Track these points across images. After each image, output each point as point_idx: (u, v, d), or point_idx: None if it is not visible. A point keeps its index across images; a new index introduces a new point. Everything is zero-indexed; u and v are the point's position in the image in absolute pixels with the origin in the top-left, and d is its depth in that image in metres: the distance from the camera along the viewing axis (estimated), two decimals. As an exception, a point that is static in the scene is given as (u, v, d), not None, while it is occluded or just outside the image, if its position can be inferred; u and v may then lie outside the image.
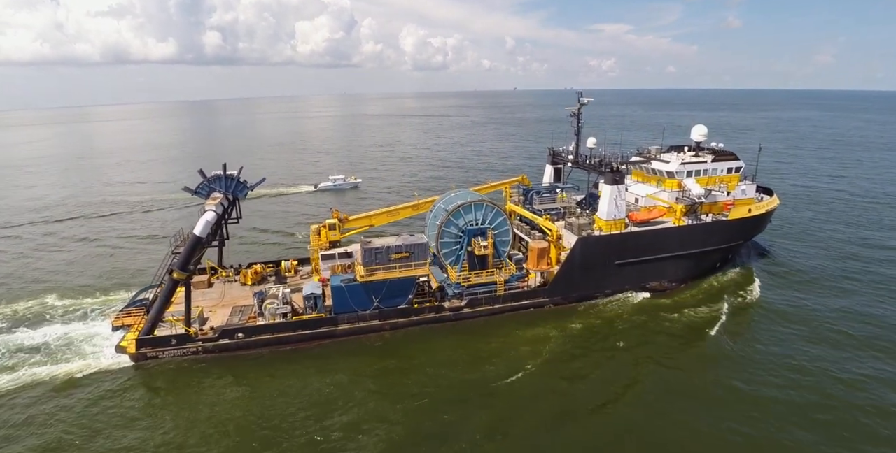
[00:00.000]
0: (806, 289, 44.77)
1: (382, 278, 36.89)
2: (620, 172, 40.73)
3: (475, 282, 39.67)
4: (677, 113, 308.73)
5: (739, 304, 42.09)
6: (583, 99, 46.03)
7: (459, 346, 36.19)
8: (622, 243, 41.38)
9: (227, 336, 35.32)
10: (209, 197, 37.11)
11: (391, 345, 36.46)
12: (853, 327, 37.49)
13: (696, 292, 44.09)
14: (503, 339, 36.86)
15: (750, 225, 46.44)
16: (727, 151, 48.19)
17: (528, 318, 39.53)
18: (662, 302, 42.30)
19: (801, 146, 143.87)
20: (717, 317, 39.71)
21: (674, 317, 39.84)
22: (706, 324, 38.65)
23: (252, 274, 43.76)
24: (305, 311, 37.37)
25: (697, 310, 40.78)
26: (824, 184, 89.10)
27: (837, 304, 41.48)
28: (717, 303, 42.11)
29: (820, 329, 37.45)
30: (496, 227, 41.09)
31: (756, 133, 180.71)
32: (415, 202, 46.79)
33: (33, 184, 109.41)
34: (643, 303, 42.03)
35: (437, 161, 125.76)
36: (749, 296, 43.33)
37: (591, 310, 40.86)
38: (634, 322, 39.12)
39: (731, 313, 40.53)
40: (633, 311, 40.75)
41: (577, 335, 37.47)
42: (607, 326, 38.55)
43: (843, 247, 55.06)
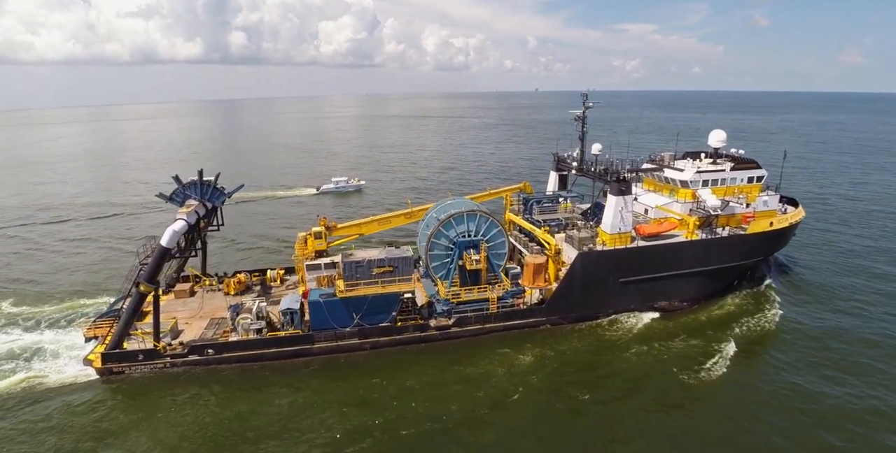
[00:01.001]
0: (834, 310, 40.50)
1: (363, 294, 34.36)
2: (627, 182, 37.24)
3: (465, 299, 36.81)
4: (696, 115, 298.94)
5: (757, 328, 38.09)
6: (588, 102, 42.63)
7: (445, 369, 33.34)
8: (627, 259, 37.90)
9: (197, 352, 33.30)
10: (184, 204, 35.22)
11: (371, 366, 33.82)
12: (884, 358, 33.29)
13: (710, 313, 40.25)
14: (493, 362, 33.85)
15: (771, 239, 42.33)
16: (748, 159, 44.14)
17: (522, 339, 36.41)
18: (671, 323, 38.63)
19: (824, 150, 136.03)
20: (730, 343, 35.86)
21: (682, 341, 36.16)
22: (718, 352, 34.81)
23: (235, 283, 41.80)
24: (283, 327, 35.16)
25: (709, 335, 36.98)
26: (856, 193, 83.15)
27: (868, 329, 37.19)
28: (732, 326, 38.21)
29: (846, 358, 33.34)
30: (490, 240, 38.12)
31: (777, 136, 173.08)
32: (408, 210, 44.10)
33: (48, 182, 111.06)
34: (650, 325, 38.44)
35: (446, 164, 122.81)
36: (769, 319, 39.22)
37: (592, 332, 37.50)
38: (639, 346, 35.60)
39: (747, 338, 36.64)
40: (637, 334, 37.24)
41: (575, 359, 34.22)
42: (609, 350, 35.18)
43: (875, 265, 50.20)
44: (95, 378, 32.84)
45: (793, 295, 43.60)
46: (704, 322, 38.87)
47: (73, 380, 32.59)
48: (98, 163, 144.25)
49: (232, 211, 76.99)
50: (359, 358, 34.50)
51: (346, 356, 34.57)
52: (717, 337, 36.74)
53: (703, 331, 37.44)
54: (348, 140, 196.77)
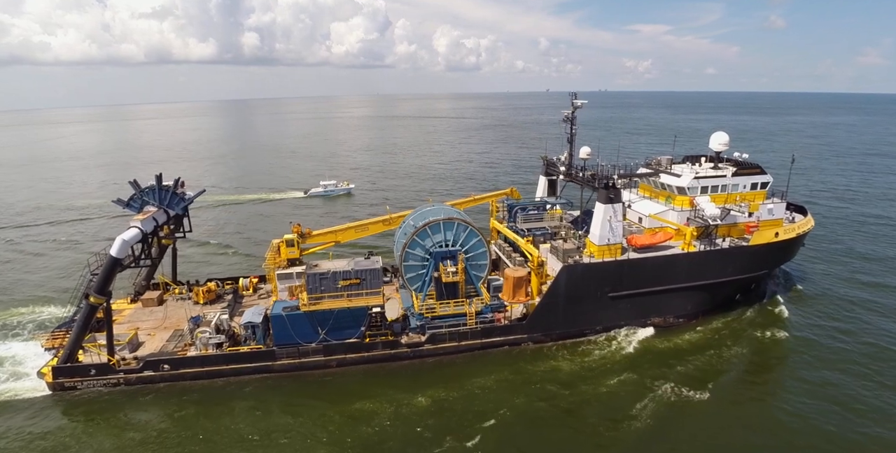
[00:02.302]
0: (847, 330, 37.09)
1: (329, 307, 32.15)
2: (616, 189, 34.42)
3: (441, 314, 34.36)
4: (704, 116, 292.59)
5: (759, 348, 35.14)
6: (576, 101, 39.79)
7: (414, 390, 30.88)
8: (617, 272, 35.08)
9: (152, 367, 31.40)
10: (141, 210, 33.42)
11: (336, 385, 31.63)
12: None
13: (707, 331, 37.20)
14: (468, 383, 31.31)
15: (776, 251, 39.13)
16: (752, 163, 40.94)
17: (501, 358, 33.86)
18: (664, 342, 35.71)
19: (828, 154, 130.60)
20: (728, 365, 32.99)
21: (675, 361, 33.26)
22: (714, 375, 31.99)
23: (204, 292, 39.93)
24: (245, 341, 33.13)
25: (705, 355, 34.03)
26: (870, 200, 78.74)
27: (886, 354, 33.86)
28: (731, 345, 35.20)
29: (857, 390, 30.08)
30: (469, 250, 35.52)
31: (784, 139, 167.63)
32: (386, 216, 41.76)
33: (56, 180, 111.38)
34: (641, 344, 35.52)
35: (441, 166, 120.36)
36: (772, 338, 36.17)
37: (577, 351, 34.73)
38: (628, 366, 32.79)
39: (747, 359, 33.79)
40: (627, 353, 34.39)
41: (557, 381, 31.49)
42: (594, 371, 32.38)
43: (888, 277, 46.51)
44: (48, 393, 31.24)
45: (800, 312, 40.24)
46: (701, 340, 35.87)
47: (27, 395, 31.04)
48: (98, 162, 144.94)
49: (212, 214, 76.03)
50: (324, 377, 32.31)
51: (310, 374, 32.43)
52: (714, 357, 33.83)
53: (699, 351, 34.48)
54: (343, 142, 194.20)
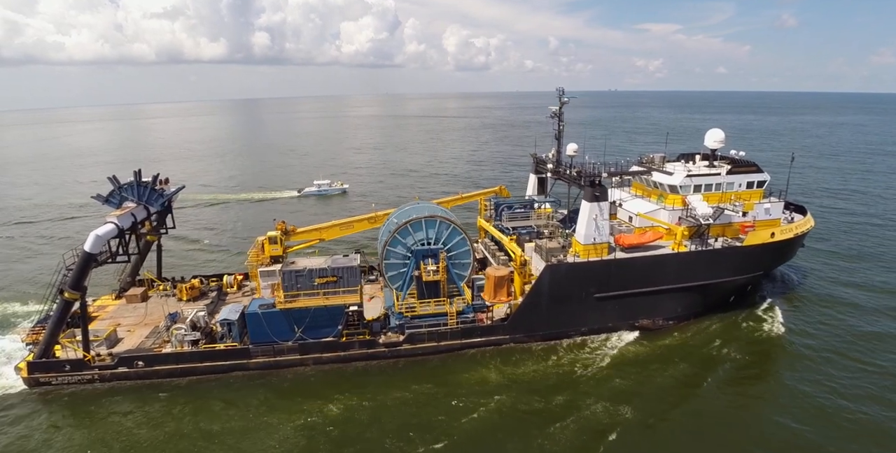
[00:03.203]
0: (846, 334, 35.55)
1: (305, 305, 31.61)
2: (602, 187, 33.37)
3: (421, 313, 33.64)
4: (710, 116, 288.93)
5: (751, 353, 33.74)
6: (564, 97, 38.73)
7: (392, 389, 30.19)
8: (603, 273, 34.02)
9: (126, 364, 31.14)
10: (120, 206, 33.22)
11: (311, 384, 31.11)
12: None
13: (697, 334, 35.94)
14: (445, 385, 30.55)
15: (772, 252, 37.69)
16: (747, 161, 39.53)
17: (481, 359, 32.99)
18: (651, 345, 34.57)
19: (830, 153, 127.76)
20: (716, 370, 31.75)
21: (661, 365, 32.17)
22: (700, 380, 30.83)
23: (187, 289, 39.70)
24: (222, 339, 32.75)
25: (693, 360, 32.85)
26: (873, 200, 76.38)
27: (885, 362, 32.33)
28: (721, 349, 33.95)
29: (856, 406, 28.57)
30: (452, 249, 34.76)
31: (785, 137, 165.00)
32: (371, 214, 41.22)
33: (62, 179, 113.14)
34: (627, 346, 34.46)
35: (438, 165, 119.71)
36: (765, 343, 34.88)
37: (561, 352, 33.73)
38: (611, 370, 31.77)
39: (736, 364, 32.43)
40: (612, 356, 33.31)
41: (537, 383, 30.57)
42: (576, 375, 31.36)
43: None
44: (24, 388, 31.16)
45: (796, 316, 38.74)
46: (689, 344, 34.65)
47: (3, 390, 31.00)
48: (102, 160, 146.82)
49: (205, 212, 76.02)
50: (299, 375, 31.78)
51: (286, 372, 31.92)
52: (701, 362, 32.65)
53: (686, 355, 33.28)
54: (345, 141, 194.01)
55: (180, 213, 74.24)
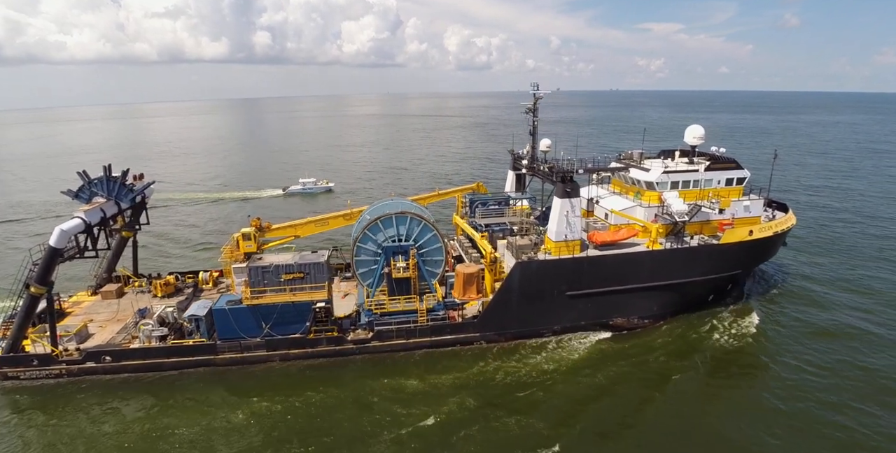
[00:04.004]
0: (825, 334, 34.98)
1: (271, 302, 31.48)
2: (573, 183, 32.96)
3: (390, 310, 33.41)
4: (706, 115, 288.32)
5: (724, 353, 33.21)
6: (538, 92, 38.26)
7: (358, 386, 29.98)
8: (574, 270, 33.60)
9: (94, 359, 31.15)
10: (90, 201, 33.22)
11: (277, 380, 30.92)
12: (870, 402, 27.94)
13: (672, 332, 35.46)
14: (411, 381, 30.26)
15: (750, 250, 37.07)
16: (726, 158, 38.96)
17: (449, 357, 32.69)
18: (623, 344, 34.15)
19: (820, 151, 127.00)
20: (688, 370, 31.27)
21: (632, 365, 31.75)
22: (670, 380, 30.37)
23: (162, 285, 39.70)
24: (190, 334, 32.68)
25: (664, 359, 32.37)
26: (860, 197, 75.85)
27: (861, 361, 31.75)
28: (695, 349, 33.50)
29: (830, 411, 28.02)
30: (424, 246, 34.51)
31: (775, 136, 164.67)
32: (346, 211, 41.07)
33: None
34: (598, 345, 34.06)
35: (428, 163, 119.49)
36: (740, 342, 34.25)
37: (531, 351, 33.36)
38: (581, 369, 31.41)
39: (708, 365, 31.94)
40: (582, 355, 32.94)
41: (504, 382, 30.22)
42: (545, 373, 30.98)
43: (877, 284, 43.76)
44: (-7, 382, 31.29)
45: (774, 315, 38.18)
46: (662, 343, 34.18)
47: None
48: (93, 159, 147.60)
49: (189, 211, 75.91)
50: (266, 371, 31.65)
51: (253, 368, 31.82)
52: (673, 362, 32.15)
53: (658, 355, 32.83)
54: (339, 140, 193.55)
55: (164, 211, 75.05)
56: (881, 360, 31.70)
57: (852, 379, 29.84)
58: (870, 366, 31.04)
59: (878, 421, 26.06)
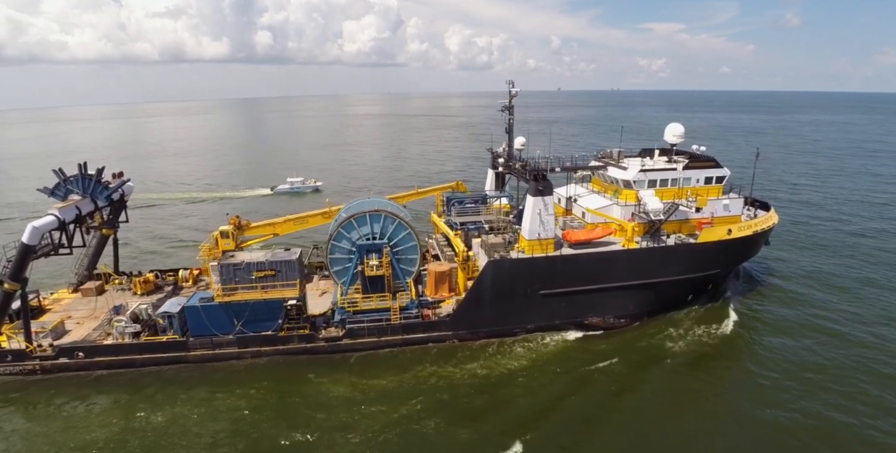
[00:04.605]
0: (803, 335, 34.58)
1: (243, 299, 31.60)
2: (547, 181, 32.79)
3: (363, 308, 33.43)
4: (701, 114, 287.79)
5: (699, 350, 32.99)
6: (513, 90, 38.12)
7: (328, 383, 30.02)
8: (548, 269, 33.43)
9: (67, 354, 31.39)
10: (66, 198, 33.49)
11: (250, 377, 30.99)
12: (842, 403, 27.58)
13: (647, 332, 35.21)
14: (381, 379, 30.24)
15: (729, 249, 36.72)
16: (705, 156, 38.63)
17: (422, 356, 32.64)
18: (599, 343, 33.97)
19: (808, 151, 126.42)
20: (660, 370, 31.07)
21: (605, 364, 31.53)
22: (642, 381, 30.20)
23: (141, 283, 39.94)
24: (164, 331, 32.87)
25: (637, 359, 32.18)
26: (847, 197, 75.47)
27: (840, 360, 31.38)
28: (670, 348, 33.22)
29: (806, 411, 27.69)
30: (398, 244, 34.53)
31: (765, 136, 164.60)
32: (325, 209, 41.09)
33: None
34: (571, 344, 33.90)
35: (418, 162, 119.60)
36: (716, 343, 34.01)
37: (503, 350, 33.24)
38: (552, 368, 31.25)
39: (680, 362, 31.71)
40: (555, 354, 32.79)
41: (475, 379, 30.17)
42: (516, 372, 30.85)
43: (858, 284, 43.17)
44: (-31, 378, 31.62)
45: (755, 315, 37.84)
46: (637, 343, 33.95)
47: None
48: (86, 158, 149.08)
49: (176, 210, 75.97)
50: (237, 369, 31.71)
51: (224, 365, 31.94)
52: (647, 361, 32.00)
53: (631, 355, 32.61)
54: (334, 139, 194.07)
55: (153, 210, 75.51)
56: (856, 359, 31.35)
57: (826, 379, 29.48)
58: (845, 366, 30.70)
59: (852, 420, 25.75)
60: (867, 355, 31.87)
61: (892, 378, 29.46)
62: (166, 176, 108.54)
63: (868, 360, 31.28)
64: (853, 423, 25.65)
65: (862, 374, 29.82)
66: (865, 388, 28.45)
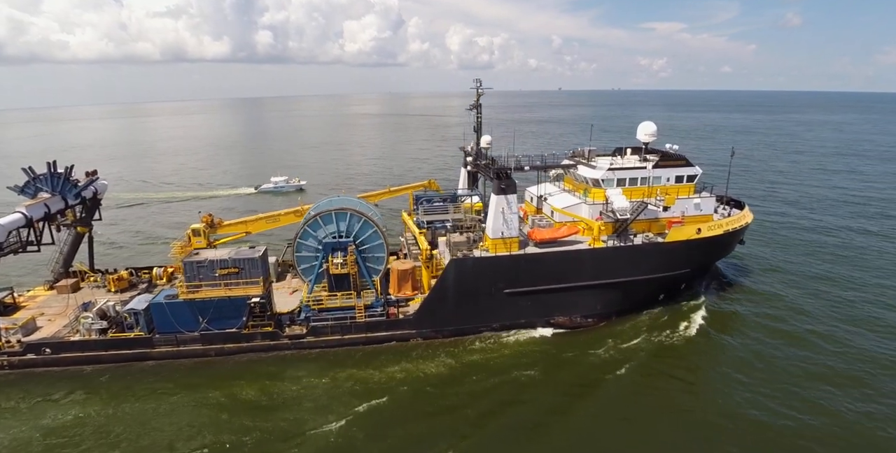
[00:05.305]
0: (773, 334, 34.37)
1: (207, 296, 31.87)
2: (509, 179, 32.76)
3: (328, 306, 33.60)
4: (692, 114, 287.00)
5: (664, 351, 32.88)
6: (481, 88, 38.09)
7: (290, 382, 30.18)
8: (511, 268, 33.44)
9: (34, 350, 31.83)
10: (35, 196, 33.89)
11: (214, 373, 31.30)
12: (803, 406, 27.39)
13: (613, 331, 35.11)
14: (341, 377, 30.43)
15: (698, 248, 36.54)
16: (676, 155, 38.40)
17: (385, 354, 32.76)
18: (563, 343, 33.92)
19: (795, 150, 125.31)
20: (621, 369, 30.92)
21: (568, 362, 31.60)
22: (602, 380, 30.11)
23: (115, 280, 40.36)
24: (130, 328, 33.21)
25: (601, 356, 32.14)
26: (827, 195, 75.11)
27: (807, 359, 31.19)
28: (635, 347, 33.14)
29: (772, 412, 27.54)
30: (364, 242, 34.59)
31: (756, 135, 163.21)
32: (297, 208, 41.33)
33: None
34: (537, 344, 33.85)
35: (405, 161, 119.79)
36: (682, 340, 33.90)
37: (466, 348, 33.26)
38: (512, 367, 31.18)
39: (645, 362, 31.56)
40: (517, 354, 32.78)
41: (434, 378, 30.25)
42: (473, 371, 30.81)
43: (834, 285, 42.77)
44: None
45: (727, 315, 37.73)
46: (602, 342, 33.77)
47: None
48: (79, 157, 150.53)
49: (160, 209, 76.53)
50: (201, 366, 32.02)
51: (189, 362, 32.25)
52: (607, 362, 31.75)
53: (595, 354, 32.51)
54: (328, 138, 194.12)
55: (138, 209, 76.08)
56: (826, 358, 31.18)
57: (795, 382, 29.24)
58: (811, 367, 30.50)
59: (812, 423, 25.57)
60: (838, 355, 31.66)
61: (856, 379, 29.24)
62: (155, 175, 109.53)
63: (838, 359, 31.10)
64: (823, 422, 25.57)
65: (827, 375, 29.63)
66: (829, 389, 28.28)
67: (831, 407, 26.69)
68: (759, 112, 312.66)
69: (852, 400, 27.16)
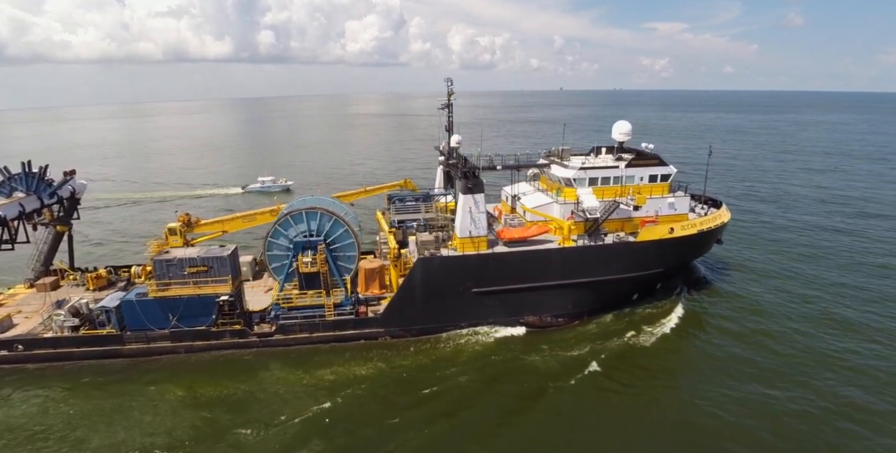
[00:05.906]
0: (746, 336, 34.15)
1: (177, 294, 32.19)
2: (476, 178, 32.81)
3: (298, 304, 33.83)
4: (687, 114, 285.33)
5: (629, 349, 32.82)
6: (452, 87, 38.15)
7: (256, 380, 30.44)
8: (479, 267, 33.49)
9: (6, 347, 32.30)
10: (10, 196, 34.35)
11: (182, 370, 31.63)
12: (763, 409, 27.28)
13: (583, 331, 35.08)
14: (306, 375, 30.62)
15: (671, 248, 36.41)
16: (650, 154, 38.29)
17: (351, 352, 32.94)
18: (531, 342, 33.91)
19: (784, 150, 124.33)
20: (589, 367, 30.89)
21: (533, 362, 31.57)
22: (567, 377, 30.06)
23: (93, 278, 40.82)
24: (102, 326, 33.61)
25: (566, 356, 32.10)
26: (811, 194, 74.71)
27: (778, 362, 31.04)
28: (601, 347, 32.99)
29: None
30: (335, 241, 34.78)
31: (748, 135, 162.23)
32: (273, 207, 41.54)
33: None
34: (506, 343, 33.84)
35: (395, 161, 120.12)
36: (649, 340, 33.78)
37: (433, 347, 33.34)
38: (479, 367, 31.19)
39: (610, 363, 31.34)
40: (484, 353, 32.71)
41: (400, 377, 30.38)
42: (438, 370, 30.82)
43: (813, 288, 42.46)
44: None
45: (700, 315, 37.48)
46: (570, 342, 33.74)
47: None
48: (77, 156, 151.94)
49: (145, 208, 77.06)
50: (170, 363, 32.35)
51: (159, 359, 32.61)
52: (574, 362, 31.61)
53: (563, 354, 32.42)
54: (324, 138, 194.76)
55: (122, 209, 76.69)
56: (801, 361, 31.04)
57: (770, 377, 29.26)
58: (786, 370, 30.33)
59: (788, 428, 25.36)
60: (811, 355, 31.53)
61: (830, 381, 29.08)
62: (146, 174, 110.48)
63: (814, 359, 30.98)
64: (795, 422, 25.51)
65: (806, 375, 29.50)
66: (805, 391, 28.15)
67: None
68: (759, 112, 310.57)
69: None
